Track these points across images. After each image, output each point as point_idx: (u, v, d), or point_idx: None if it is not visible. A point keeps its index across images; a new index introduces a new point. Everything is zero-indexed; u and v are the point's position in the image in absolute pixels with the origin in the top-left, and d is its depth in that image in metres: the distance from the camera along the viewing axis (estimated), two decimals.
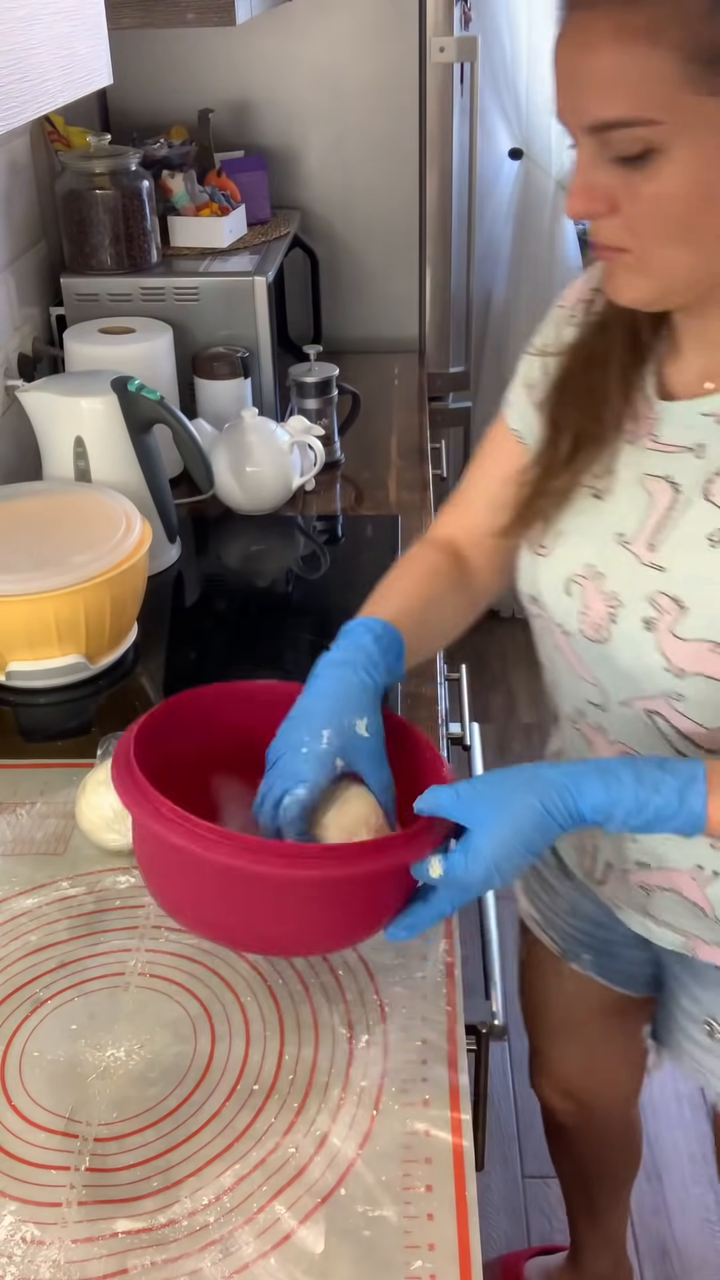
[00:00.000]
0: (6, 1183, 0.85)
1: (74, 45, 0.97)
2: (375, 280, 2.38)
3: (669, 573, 0.89)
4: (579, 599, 0.96)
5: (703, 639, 0.87)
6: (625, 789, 0.81)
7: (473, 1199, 0.84)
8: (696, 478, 0.89)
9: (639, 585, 0.91)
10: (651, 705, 0.93)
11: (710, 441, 0.89)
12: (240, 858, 0.83)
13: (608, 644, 0.94)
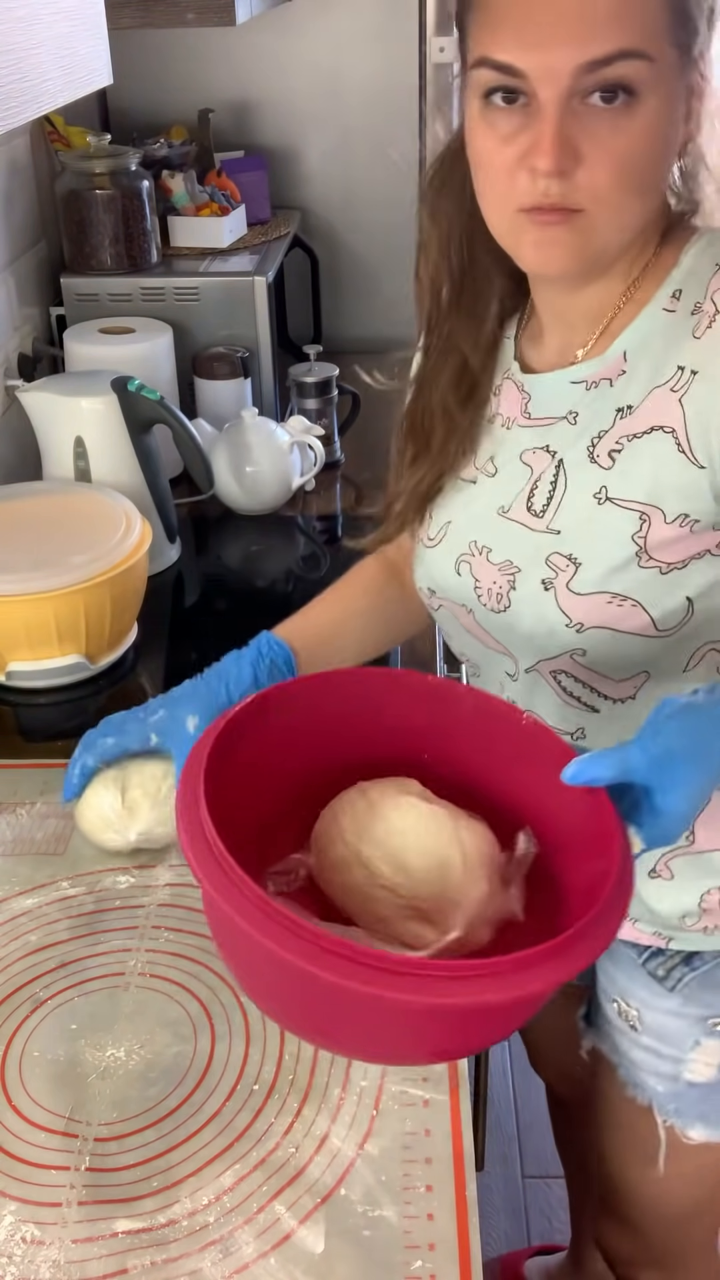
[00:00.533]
0: (6, 1183, 0.85)
1: (74, 45, 0.97)
2: (375, 280, 2.38)
3: (562, 535, 0.92)
4: (468, 575, 0.99)
5: (599, 591, 0.90)
6: None
7: (473, 1199, 0.84)
8: (574, 442, 0.92)
9: (533, 550, 0.94)
10: (556, 665, 0.95)
11: (582, 408, 0.92)
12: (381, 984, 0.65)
13: (509, 611, 0.96)
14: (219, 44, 2.20)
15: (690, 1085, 1.07)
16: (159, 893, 1.11)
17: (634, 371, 0.89)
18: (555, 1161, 1.73)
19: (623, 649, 0.92)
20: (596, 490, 0.90)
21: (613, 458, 0.90)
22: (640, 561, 0.89)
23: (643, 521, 0.88)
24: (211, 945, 1.04)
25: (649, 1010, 1.07)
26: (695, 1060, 1.05)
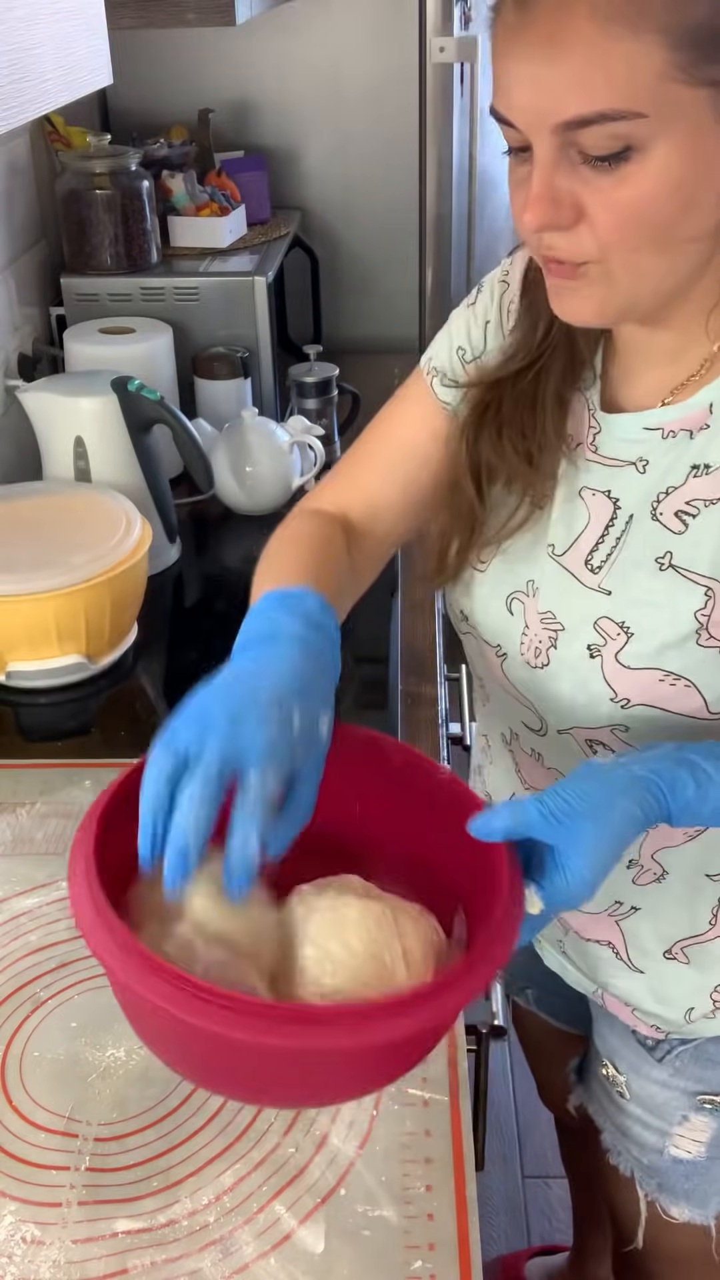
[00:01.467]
0: (6, 1183, 0.85)
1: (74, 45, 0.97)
2: (375, 280, 2.38)
3: (615, 596, 0.84)
4: (520, 618, 0.90)
5: (651, 667, 0.82)
6: (715, 785, 0.73)
7: (473, 1199, 0.84)
8: (641, 495, 0.83)
9: (582, 609, 0.85)
10: (594, 735, 0.87)
11: (654, 457, 0.83)
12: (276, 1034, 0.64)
13: (547, 669, 0.88)
14: (219, 44, 2.20)
15: (676, 1161, 1.02)
16: None
17: (719, 427, 0.80)
18: (555, 1161, 1.73)
19: (671, 730, 0.83)
20: (661, 554, 0.81)
21: (683, 520, 0.81)
22: (700, 639, 0.80)
23: (708, 598, 0.79)
24: None
25: (637, 1078, 1.02)
26: (682, 1136, 1.01)
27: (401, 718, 1.35)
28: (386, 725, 1.34)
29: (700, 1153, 1.01)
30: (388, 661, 1.45)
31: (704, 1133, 1.00)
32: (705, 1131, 0.99)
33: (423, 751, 0.87)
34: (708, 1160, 1.01)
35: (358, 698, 1.45)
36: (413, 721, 1.34)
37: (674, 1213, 1.04)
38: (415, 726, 1.33)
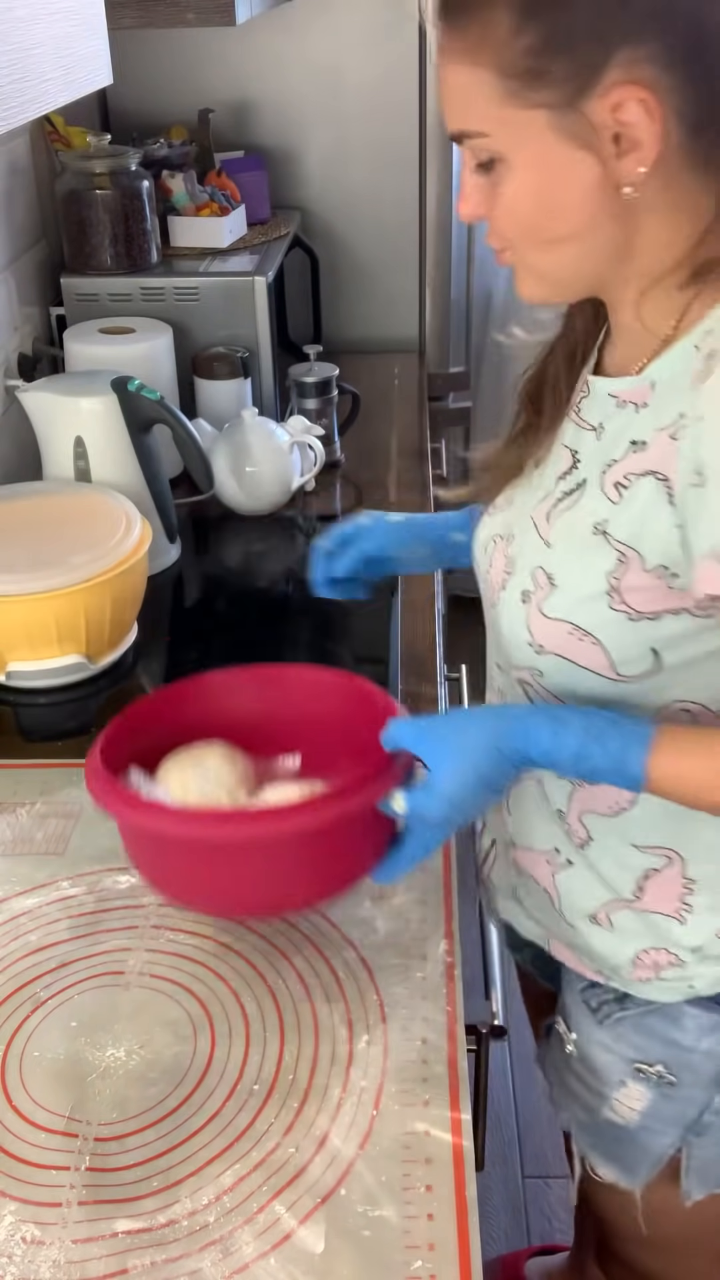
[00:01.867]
0: (6, 1183, 0.85)
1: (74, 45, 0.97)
2: (375, 280, 2.38)
3: (553, 549, 0.91)
4: (489, 556, 1.00)
5: (564, 619, 0.89)
6: (571, 737, 0.85)
7: (473, 1199, 0.84)
8: (594, 461, 0.90)
9: (529, 556, 0.93)
10: (520, 675, 0.96)
11: (608, 424, 0.89)
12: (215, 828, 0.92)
13: (495, 608, 0.97)
14: (219, 44, 2.20)
15: (609, 1124, 1.04)
16: None
17: (655, 406, 0.85)
18: (555, 1161, 1.73)
19: (581, 683, 0.90)
20: (599, 520, 0.87)
21: (619, 491, 0.86)
22: (611, 602, 0.86)
23: (620, 563, 0.85)
24: (212, 945, 1.04)
25: (584, 1038, 1.05)
26: (619, 1100, 1.03)
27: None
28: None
29: (633, 1119, 1.03)
30: (388, 661, 1.45)
31: (639, 1100, 1.02)
32: (640, 1100, 1.02)
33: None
34: (638, 1128, 1.03)
35: None
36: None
37: (602, 1172, 1.07)
38: None
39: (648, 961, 0.99)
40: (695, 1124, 1.01)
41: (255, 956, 1.03)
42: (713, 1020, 0.98)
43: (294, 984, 1.01)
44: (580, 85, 0.77)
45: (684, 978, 0.98)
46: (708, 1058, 0.99)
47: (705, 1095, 1.00)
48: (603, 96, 0.77)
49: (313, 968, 1.02)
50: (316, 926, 1.06)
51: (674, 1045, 1.00)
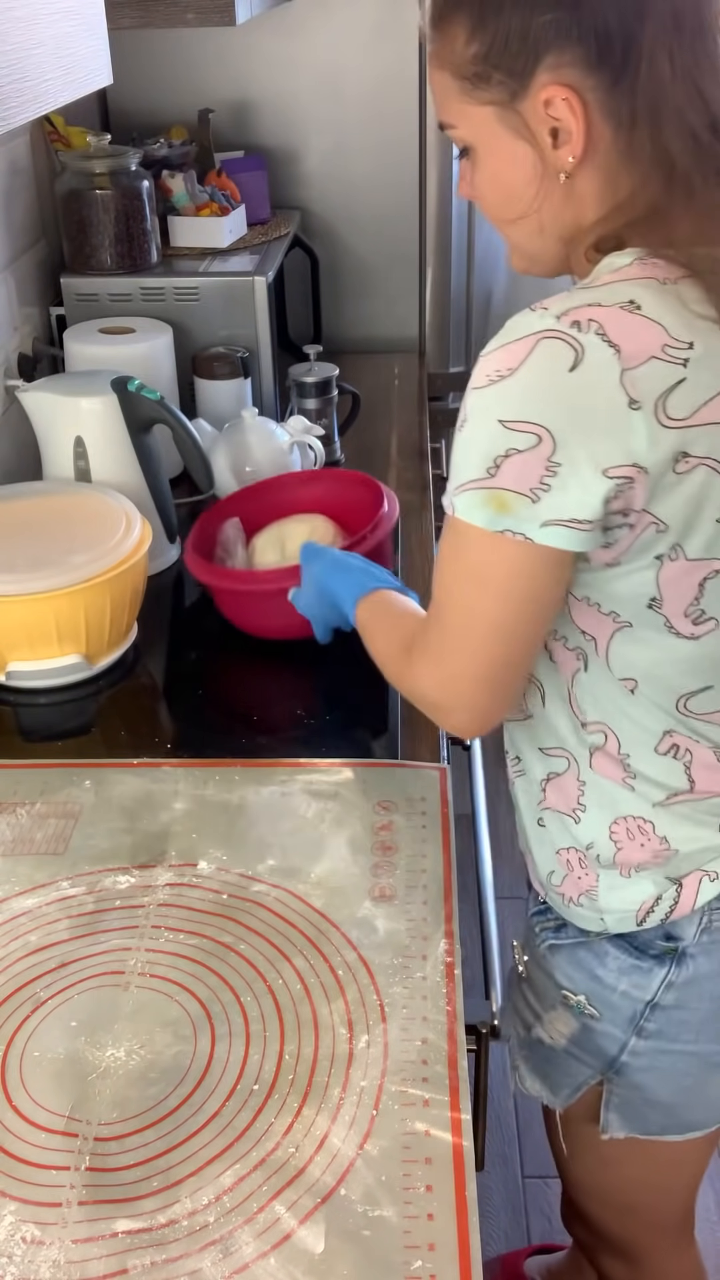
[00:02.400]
0: (6, 1183, 0.85)
1: (74, 45, 0.97)
2: (375, 280, 2.38)
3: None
4: None
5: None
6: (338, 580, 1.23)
7: (473, 1199, 0.84)
8: None
9: None
10: None
11: None
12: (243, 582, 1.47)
13: None
14: (219, 44, 2.20)
15: (539, 1042, 1.13)
16: (159, 893, 1.11)
17: None
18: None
19: None
20: None
21: None
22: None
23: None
24: (211, 945, 1.04)
25: (533, 961, 1.13)
26: (550, 1022, 1.12)
27: (401, 718, 1.35)
28: (387, 725, 1.34)
29: (560, 1043, 1.12)
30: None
31: (566, 1026, 1.11)
32: (567, 1026, 1.11)
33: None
34: (563, 1053, 1.12)
35: (358, 697, 1.44)
36: (413, 721, 1.33)
37: (528, 1085, 1.18)
38: (415, 726, 1.33)
39: (564, 865, 1.07)
40: (614, 1062, 1.08)
41: (255, 956, 1.03)
42: (629, 963, 1.04)
43: (294, 984, 1.01)
44: (516, 87, 0.89)
45: (595, 910, 1.05)
46: (625, 998, 1.05)
47: (623, 1036, 1.07)
48: (535, 96, 0.88)
49: (313, 968, 1.02)
50: (316, 926, 1.06)
51: (597, 981, 1.07)
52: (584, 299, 0.85)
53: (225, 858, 1.14)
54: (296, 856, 1.14)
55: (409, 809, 1.19)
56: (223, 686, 1.45)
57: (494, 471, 0.85)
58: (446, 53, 0.92)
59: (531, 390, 0.83)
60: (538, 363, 0.83)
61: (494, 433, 0.85)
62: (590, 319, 0.83)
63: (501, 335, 0.86)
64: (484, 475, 0.86)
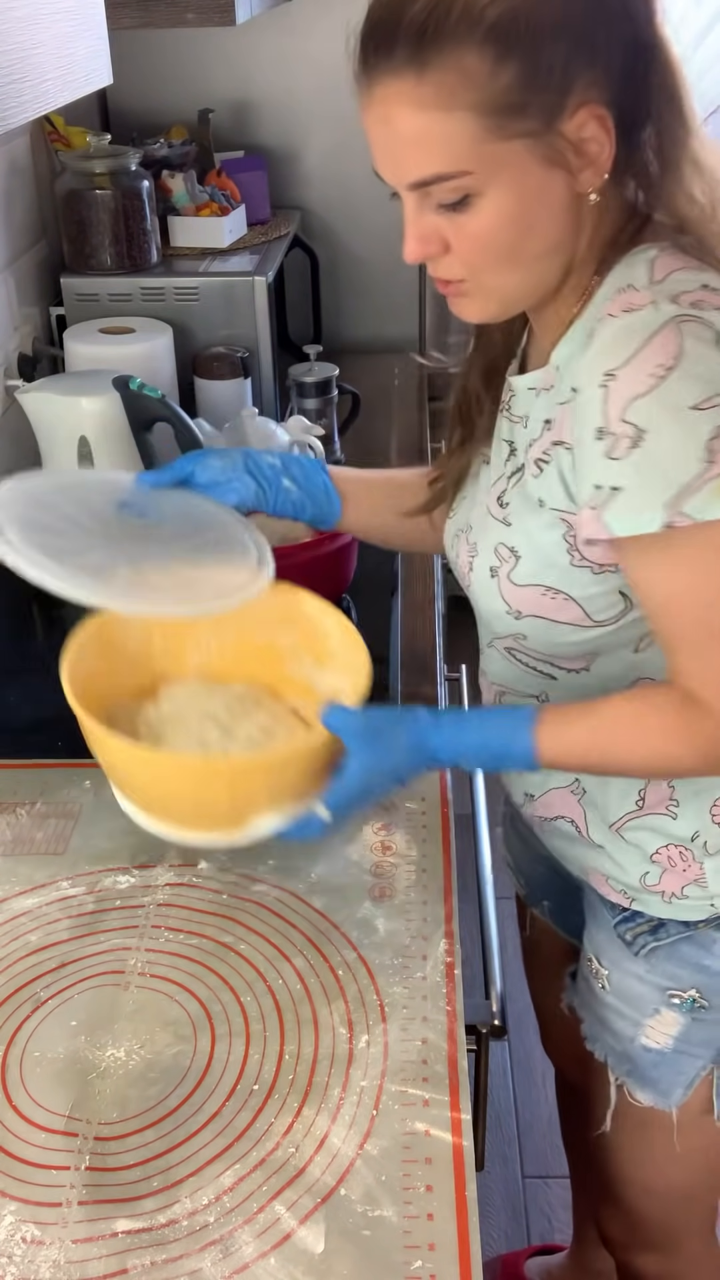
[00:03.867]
0: (6, 1183, 0.85)
1: (74, 45, 0.97)
2: (375, 280, 2.38)
3: (512, 527, 0.98)
4: (456, 548, 1.07)
5: (534, 584, 0.96)
6: (470, 734, 0.96)
7: (473, 1199, 0.84)
8: (524, 446, 0.98)
9: (490, 537, 1.00)
10: (506, 644, 1.03)
11: (530, 414, 0.98)
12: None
13: (471, 590, 1.04)
14: (219, 44, 2.20)
15: (645, 1050, 1.10)
16: (159, 893, 1.11)
17: (559, 384, 0.93)
18: (555, 1161, 1.73)
19: (561, 636, 0.97)
20: (537, 494, 0.95)
21: (540, 466, 0.94)
22: (573, 560, 0.93)
23: (567, 526, 0.92)
24: (211, 945, 1.04)
25: (617, 971, 1.10)
26: (652, 1027, 1.09)
27: None
28: None
29: (668, 1044, 1.09)
30: (388, 661, 1.45)
31: (672, 1026, 1.08)
32: (674, 1025, 1.08)
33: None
34: (674, 1052, 1.09)
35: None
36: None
37: (639, 1096, 1.12)
38: None
39: (664, 862, 1.04)
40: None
41: (255, 956, 1.03)
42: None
43: (294, 984, 1.01)
44: (554, 111, 0.83)
45: (705, 896, 1.03)
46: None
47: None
48: (570, 117, 0.83)
49: (313, 968, 1.02)
50: (316, 926, 1.06)
51: (705, 971, 1.05)
52: (671, 289, 0.84)
53: (225, 857, 1.14)
54: (296, 856, 1.13)
55: (409, 809, 1.19)
56: None
57: (711, 458, 0.80)
58: (461, 89, 0.82)
59: (708, 366, 0.81)
60: (694, 344, 0.81)
61: (693, 421, 0.80)
62: (698, 300, 0.83)
63: (626, 340, 0.83)
64: (705, 466, 0.80)
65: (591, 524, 0.86)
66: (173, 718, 1.05)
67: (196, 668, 1.11)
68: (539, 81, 0.82)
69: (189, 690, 1.08)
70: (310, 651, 1.09)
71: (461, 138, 0.83)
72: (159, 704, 1.07)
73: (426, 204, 0.88)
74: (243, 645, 1.11)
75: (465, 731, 0.96)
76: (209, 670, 1.11)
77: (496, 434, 1.04)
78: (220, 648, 1.12)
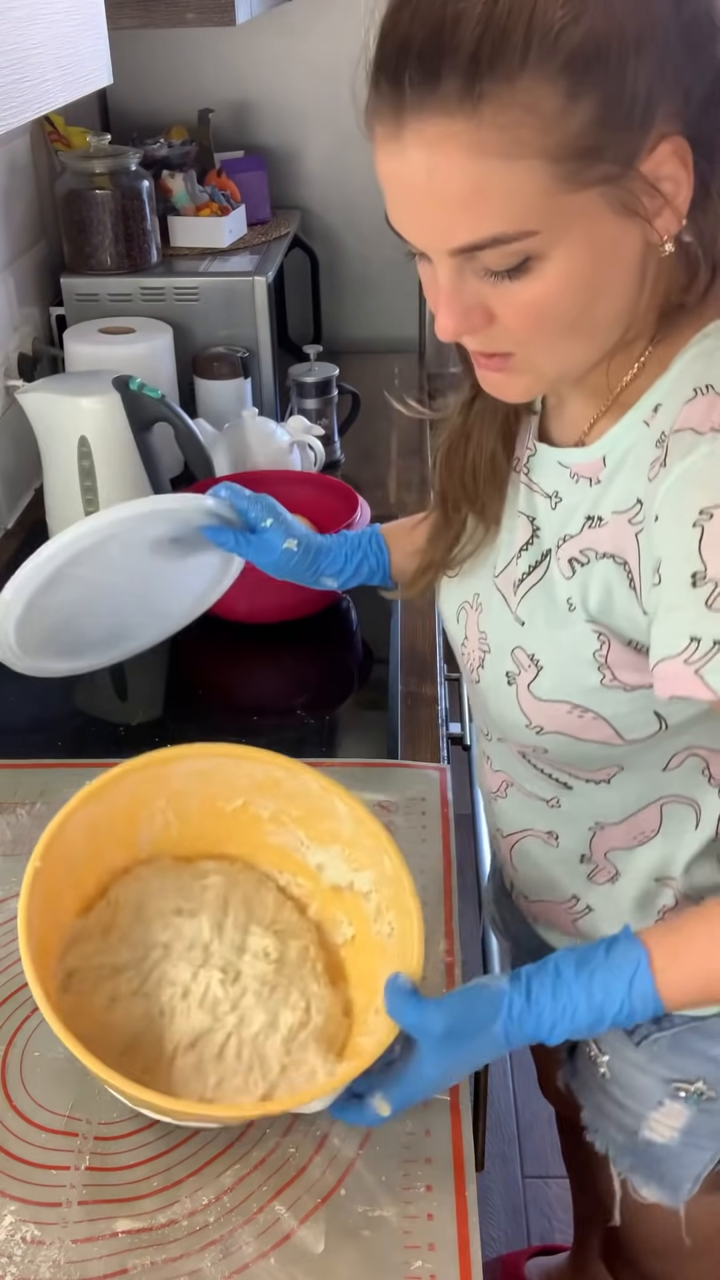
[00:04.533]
0: (7, 1183, 0.85)
1: (74, 45, 0.97)
2: (375, 280, 2.38)
3: (527, 627, 0.88)
4: (464, 626, 0.96)
5: (560, 700, 0.85)
6: (580, 1012, 0.78)
7: (473, 1199, 0.84)
8: (553, 530, 0.87)
9: (504, 634, 0.90)
10: (519, 749, 0.95)
11: (565, 495, 0.86)
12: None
13: (480, 685, 0.94)
14: (219, 44, 2.20)
15: (649, 1144, 1.03)
16: None
17: (609, 483, 0.82)
18: (555, 1161, 1.73)
19: (586, 753, 0.89)
20: (565, 596, 0.85)
21: (573, 567, 0.84)
22: (604, 679, 0.83)
23: (602, 641, 0.82)
24: None
25: (617, 1059, 1.03)
26: (657, 1120, 1.01)
27: (401, 718, 1.35)
28: (387, 725, 1.34)
29: (673, 1138, 1.01)
30: (388, 661, 1.45)
31: (677, 1119, 1.00)
32: (679, 1118, 1.00)
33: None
34: (680, 1146, 1.01)
35: (358, 697, 1.45)
36: (413, 721, 1.34)
37: (644, 1193, 1.05)
38: (415, 726, 1.33)
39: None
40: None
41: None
42: None
43: None
44: (635, 149, 0.69)
45: None
46: None
47: None
48: (650, 154, 0.70)
49: None
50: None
51: (712, 1061, 0.97)
52: None
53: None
54: None
55: (409, 809, 1.19)
56: (222, 686, 1.45)
57: None
58: (527, 133, 0.67)
59: None
60: None
61: None
62: None
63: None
64: None
65: (684, 680, 0.71)
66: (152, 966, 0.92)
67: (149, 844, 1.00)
68: (620, 117, 0.68)
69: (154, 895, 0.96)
70: (303, 825, 1.00)
71: (528, 191, 0.68)
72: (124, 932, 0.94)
73: (469, 269, 0.73)
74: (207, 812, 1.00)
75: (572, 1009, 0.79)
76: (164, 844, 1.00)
77: (511, 499, 0.92)
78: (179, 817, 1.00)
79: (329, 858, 0.99)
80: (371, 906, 0.95)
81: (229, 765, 0.99)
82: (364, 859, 0.95)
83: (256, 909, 0.97)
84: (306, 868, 1.00)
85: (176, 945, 0.93)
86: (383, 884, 0.93)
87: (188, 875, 0.99)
